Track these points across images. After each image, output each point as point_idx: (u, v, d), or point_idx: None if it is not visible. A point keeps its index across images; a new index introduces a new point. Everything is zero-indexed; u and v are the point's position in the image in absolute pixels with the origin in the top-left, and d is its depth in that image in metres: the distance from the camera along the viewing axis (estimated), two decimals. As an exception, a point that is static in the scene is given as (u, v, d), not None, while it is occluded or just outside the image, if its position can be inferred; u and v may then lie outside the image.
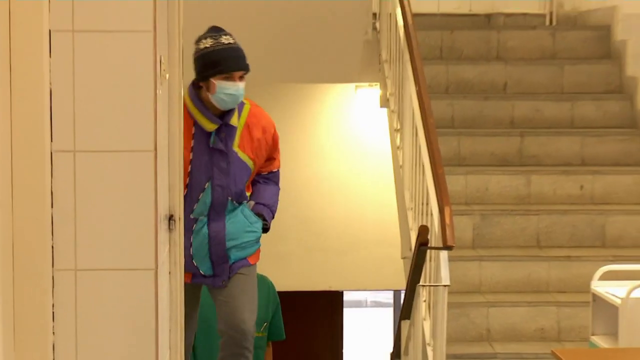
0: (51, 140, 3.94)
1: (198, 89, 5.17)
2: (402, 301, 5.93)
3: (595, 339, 5.60)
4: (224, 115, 5.21)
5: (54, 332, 3.97)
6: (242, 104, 5.33)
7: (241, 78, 5.15)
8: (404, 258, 7.13)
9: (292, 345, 8.68)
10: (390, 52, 7.95)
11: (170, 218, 4.11)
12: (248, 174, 5.32)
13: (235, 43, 5.16)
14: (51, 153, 3.94)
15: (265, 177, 5.49)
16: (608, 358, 4.48)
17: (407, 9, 7.21)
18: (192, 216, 5.10)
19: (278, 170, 5.58)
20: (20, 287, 3.85)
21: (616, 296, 5.40)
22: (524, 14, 9.76)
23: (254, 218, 5.34)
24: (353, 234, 9.96)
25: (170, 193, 4.10)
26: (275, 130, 5.49)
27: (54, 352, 3.97)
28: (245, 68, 5.16)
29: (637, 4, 8.21)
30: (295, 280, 9.40)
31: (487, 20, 9.98)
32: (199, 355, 6.17)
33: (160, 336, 4.07)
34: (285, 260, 9.41)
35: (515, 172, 7.81)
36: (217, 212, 5.19)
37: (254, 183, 5.47)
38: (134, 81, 4.03)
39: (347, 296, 11.43)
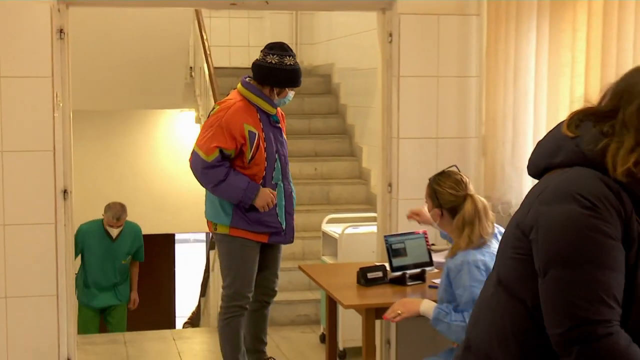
0: (-14, 144, 3.81)
1: (257, 84, 4.21)
2: (211, 238, 5.90)
3: (325, 258, 5.71)
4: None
5: (-10, 264, 3.84)
6: None
7: (292, 89, 4.25)
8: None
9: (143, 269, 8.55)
10: (201, 90, 7.93)
11: (65, 192, 4.00)
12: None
13: (295, 64, 4.19)
14: (-13, 152, 3.81)
15: None
16: (330, 269, 4.62)
17: (210, 64, 7.23)
18: (273, 182, 4.14)
19: None
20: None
21: (336, 232, 5.54)
22: (281, 68, 9.86)
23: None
24: (182, 202, 9.73)
25: (64, 175, 3.99)
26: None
27: (-9, 276, 3.85)
28: (297, 85, 4.24)
29: (347, 62, 8.41)
30: (150, 227, 9.19)
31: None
32: (89, 278, 5.95)
33: (59, 264, 3.98)
34: (146, 217, 9.16)
35: (277, 161, 7.88)
36: (285, 177, 4.21)
37: None
38: (40, 108, 3.94)
39: (178, 237, 11.26)
